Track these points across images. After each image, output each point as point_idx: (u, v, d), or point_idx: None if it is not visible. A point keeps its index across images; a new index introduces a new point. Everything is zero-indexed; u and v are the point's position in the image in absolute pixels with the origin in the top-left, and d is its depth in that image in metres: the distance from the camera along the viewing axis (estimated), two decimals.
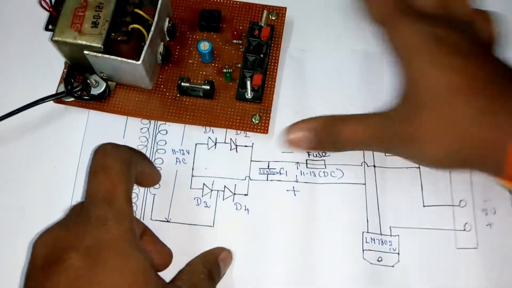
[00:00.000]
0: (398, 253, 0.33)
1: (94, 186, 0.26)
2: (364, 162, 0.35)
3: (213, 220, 0.34)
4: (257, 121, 0.35)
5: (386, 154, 0.35)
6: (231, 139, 0.36)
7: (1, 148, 0.36)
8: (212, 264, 0.31)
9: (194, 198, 0.35)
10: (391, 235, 0.33)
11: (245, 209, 0.34)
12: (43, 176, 0.35)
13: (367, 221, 0.33)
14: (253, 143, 0.36)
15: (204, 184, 0.35)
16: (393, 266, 0.33)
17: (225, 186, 0.35)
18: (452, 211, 0.34)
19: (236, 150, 0.36)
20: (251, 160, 0.35)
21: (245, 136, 0.36)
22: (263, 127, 0.35)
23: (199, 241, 0.33)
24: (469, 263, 0.32)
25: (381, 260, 0.33)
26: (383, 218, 0.34)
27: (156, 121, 0.36)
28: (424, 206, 0.34)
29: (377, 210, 0.34)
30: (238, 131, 0.36)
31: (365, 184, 0.34)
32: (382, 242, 0.33)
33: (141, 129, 0.36)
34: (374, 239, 0.33)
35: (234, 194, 0.35)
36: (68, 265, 0.23)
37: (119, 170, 0.26)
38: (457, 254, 0.33)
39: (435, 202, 0.34)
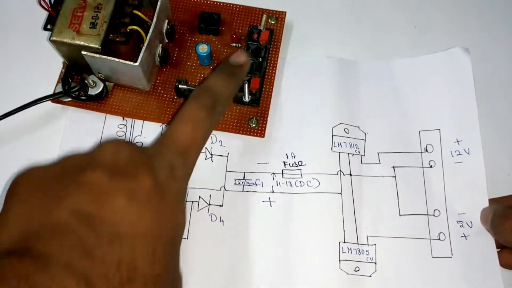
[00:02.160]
0: (375, 263, 0.33)
1: (176, 132, 0.26)
2: (340, 170, 0.34)
3: (187, 232, 0.33)
4: (254, 125, 0.35)
5: (363, 162, 0.35)
6: (206, 148, 0.35)
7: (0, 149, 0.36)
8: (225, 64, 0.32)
9: None
10: (368, 245, 0.33)
11: (220, 220, 0.34)
12: None
13: (344, 230, 0.33)
14: (228, 153, 0.35)
15: None
16: (370, 276, 0.32)
17: (199, 197, 0.34)
18: (427, 220, 0.34)
19: (212, 160, 0.35)
20: (226, 171, 0.35)
21: (221, 146, 0.36)
22: (260, 131, 0.35)
23: None
24: (444, 272, 0.32)
25: (358, 270, 0.32)
26: (360, 227, 0.33)
27: (131, 131, 0.36)
28: (400, 215, 0.34)
29: (353, 219, 0.34)
30: (213, 140, 0.36)
31: (341, 193, 0.34)
32: (359, 251, 0.33)
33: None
34: (351, 249, 0.33)
35: (209, 205, 0.34)
36: (139, 186, 0.23)
37: (206, 129, 0.27)
38: (433, 263, 0.33)
39: (410, 211, 0.34)
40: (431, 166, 0.35)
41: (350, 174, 0.35)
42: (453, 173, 0.35)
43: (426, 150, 0.35)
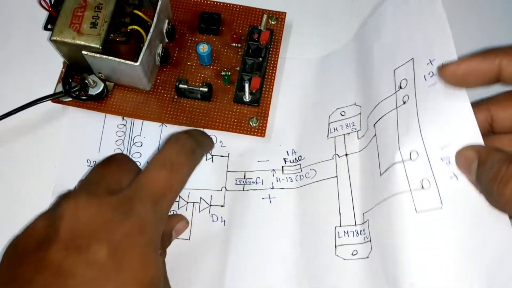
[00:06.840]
0: (370, 241, 0.29)
1: (151, 178, 0.25)
2: (336, 154, 0.33)
3: (189, 233, 0.33)
4: (254, 124, 0.35)
5: (359, 137, 0.33)
6: None
7: (0, 148, 0.36)
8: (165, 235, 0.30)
9: (170, 211, 0.34)
10: (363, 223, 0.30)
11: (222, 221, 0.34)
12: (42, 176, 0.35)
13: (340, 214, 0.32)
14: (229, 153, 0.35)
15: (179, 196, 0.34)
16: (367, 257, 0.29)
17: (201, 198, 0.34)
18: (404, 168, 0.27)
19: (212, 160, 0.35)
20: (227, 171, 0.35)
21: (221, 146, 0.35)
22: (260, 130, 0.35)
23: (175, 255, 0.32)
24: (435, 230, 0.25)
25: (356, 254, 0.30)
26: (357, 206, 0.31)
27: (131, 131, 0.36)
28: (381, 175, 0.28)
29: (351, 200, 0.32)
30: (214, 141, 0.35)
31: (336, 176, 0.32)
32: (357, 233, 0.30)
33: (116, 141, 0.36)
34: (347, 232, 0.30)
35: (210, 205, 0.34)
36: (94, 258, 0.23)
37: (184, 173, 0.26)
38: (419, 220, 0.25)
39: (387, 164, 0.28)
40: (404, 103, 0.28)
41: (346, 154, 0.33)
42: (427, 98, 0.27)
43: (400, 87, 0.29)
